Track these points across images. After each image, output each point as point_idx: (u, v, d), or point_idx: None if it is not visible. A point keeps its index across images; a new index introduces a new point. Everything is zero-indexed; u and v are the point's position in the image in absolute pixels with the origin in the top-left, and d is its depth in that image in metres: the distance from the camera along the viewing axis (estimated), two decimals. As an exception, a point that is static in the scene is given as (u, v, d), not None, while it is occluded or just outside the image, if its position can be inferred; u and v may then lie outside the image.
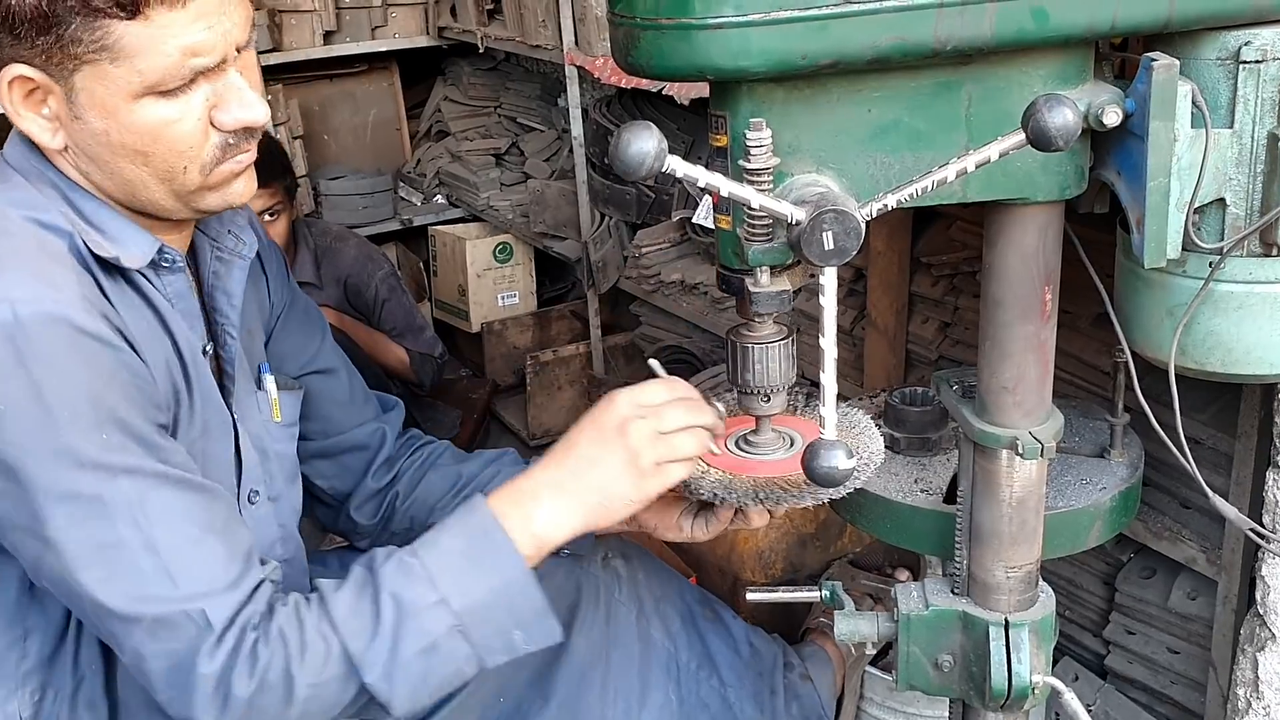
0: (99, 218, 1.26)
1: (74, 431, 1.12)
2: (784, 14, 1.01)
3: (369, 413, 1.67)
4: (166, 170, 1.23)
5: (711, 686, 1.78)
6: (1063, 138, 0.97)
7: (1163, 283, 1.20)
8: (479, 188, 3.89)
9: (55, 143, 1.23)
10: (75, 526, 1.13)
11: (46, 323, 1.13)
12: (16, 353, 1.11)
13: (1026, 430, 1.27)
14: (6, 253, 1.17)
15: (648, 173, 0.98)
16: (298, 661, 1.18)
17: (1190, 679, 1.84)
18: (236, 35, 1.21)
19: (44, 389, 1.11)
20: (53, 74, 1.17)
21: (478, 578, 1.25)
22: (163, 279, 1.31)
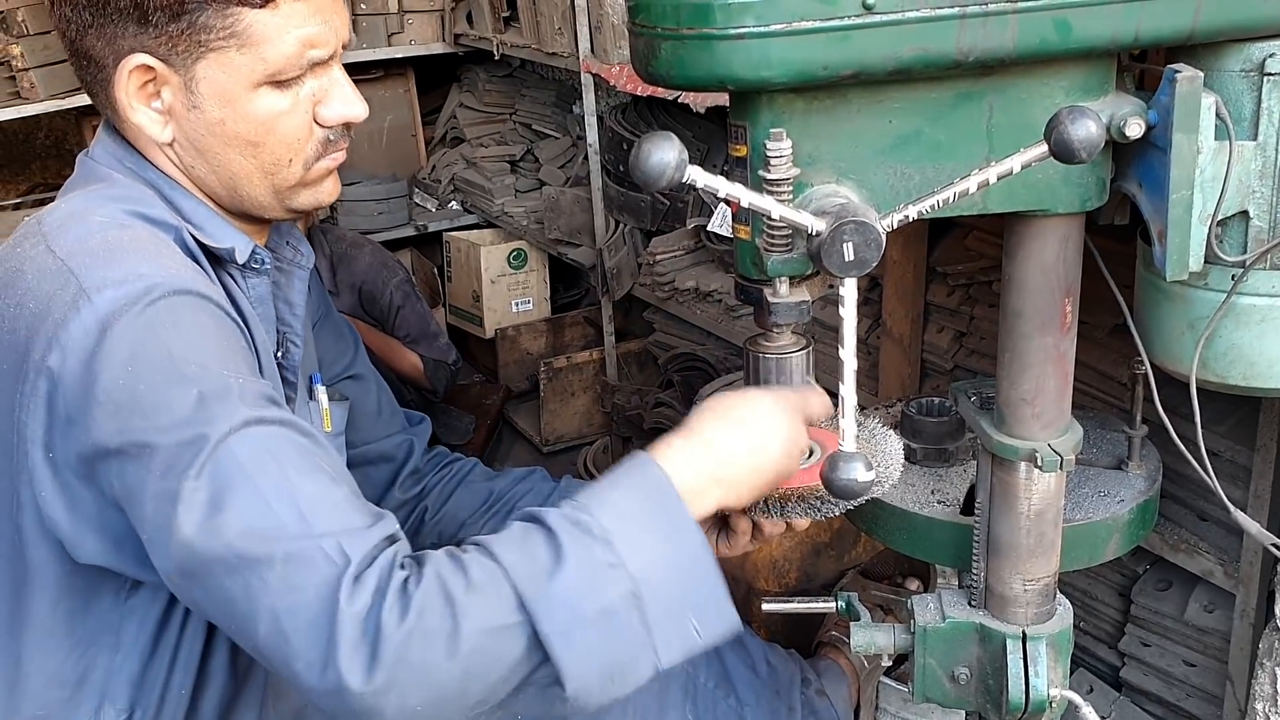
0: (197, 215, 1.28)
1: (204, 384, 1.09)
2: (805, 25, 1.01)
3: (396, 425, 1.67)
4: (273, 163, 1.27)
5: (729, 706, 1.77)
6: (1086, 150, 0.97)
7: (1184, 295, 1.20)
8: (494, 194, 3.89)
9: (164, 135, 1.25)
10: (204, 475, 1.06)
11: (173, 293, 1.13)
12: (149, 321, 1.10)
13: (1045, 442, 1.27)
14: (125, 241, 1.17)
15: (668, 183, 0.98)
16: (462, 601, 1.01)
17: (1207, 692, 1.83)
18: (344, 34, 1.28)
19: (175, 350, 1.10)
20: (175, 63, 1.21)
21: (656, 545, 1.08)
22: (248, 281, 1.32)
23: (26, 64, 3.15)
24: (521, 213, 3.81)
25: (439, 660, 1.00)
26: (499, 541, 1.07)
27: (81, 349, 1.09)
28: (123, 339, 1.09)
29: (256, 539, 1.04)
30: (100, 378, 1.08)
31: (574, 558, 1.04)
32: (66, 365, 1.09)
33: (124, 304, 1.10)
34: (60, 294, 1.11)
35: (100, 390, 1.08)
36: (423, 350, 3.24)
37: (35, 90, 3.19)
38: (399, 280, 3.25)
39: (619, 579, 1.04)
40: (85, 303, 1.10)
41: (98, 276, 1.11)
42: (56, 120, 3.98)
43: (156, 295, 1.11)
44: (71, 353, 1.09)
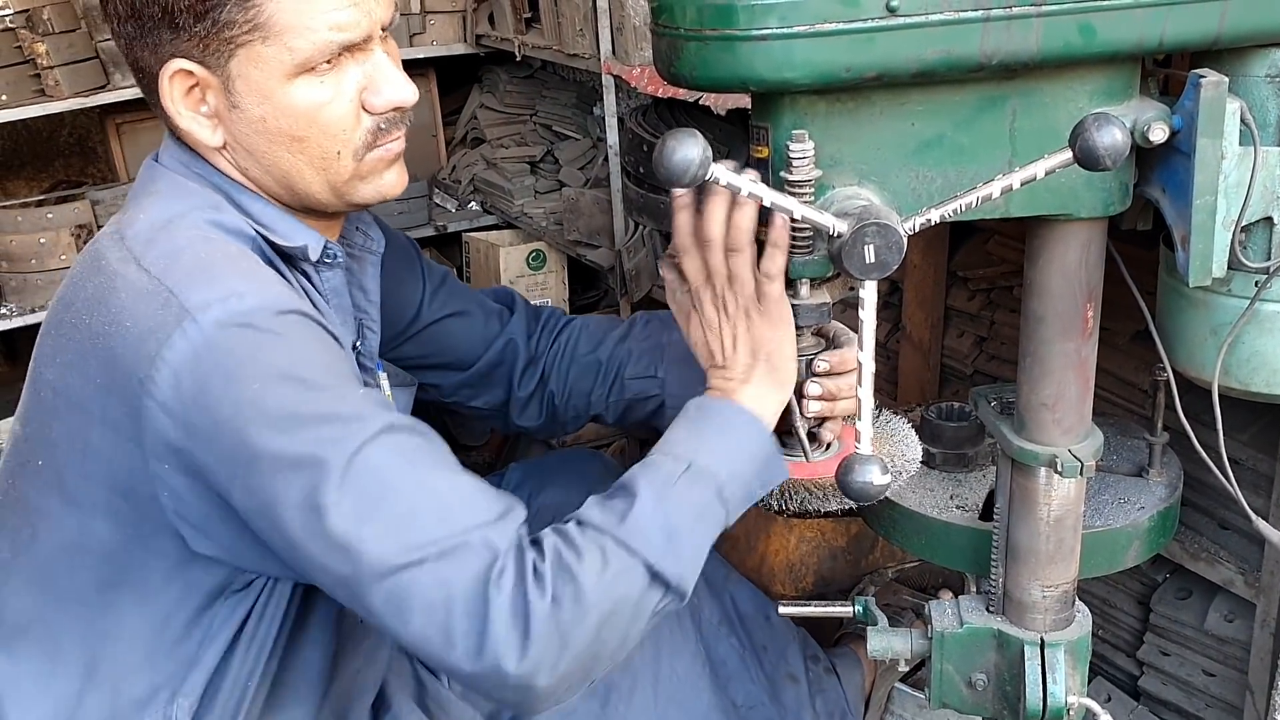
0: (267, 216, 1.28)
1: (328, 396, 1.12)
2: (828, 26, 1.01)
3: (494, 327, 1.69)
4: (321, 156, 1.25)
5: (730, 645, 1.78)
6: (1111, 158, 0.96)
7: (1207, 301, 1.19)
8: (513, 195, 3.89)
9: (215, 139, 1.25)
10: (348, 485, 1.09)
11: (275, 309, 1.14)
12: (257, 337, 1.12)
13: (1066, 448, 1.26)
14: (216, 257, 1.18)
15: (692, 180, 0.98)
16: (578, 567, 1.12)
17: (1226, 703, 1.82)
18: (381, 14, 1.25)
19: (285, 368, 1.12)
20: (210, 64, 1.21)
21: (713, 436, 1.23)
22: (322, 275, 1.33)
23: (51, 62, 3.17)
24: (541, 214, 3.81)
25: (579, 618, 1.10)
26: (586, 511, 1.18)
27: (193, 368, 1.10)
28: (235, 356, 1.11)
29: (406, 543, 1.10)
30: (218, 395, 1.10)
31: (649, 488, 1.17)
32: (181, 385, 1.10)
33: (231, 322, 1.11)
34: (162, 314, 1.12)
35: (221, 407, 1.10)
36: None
37: (60, 88, 3.21)
38: None
39: (697, 478, 1.19)
40: (190, 322, 1.11)
41: (199, 296, 1.12)
42: (80, 118, 3.99)
43: (261, 315, 1.13)
44: (183, 372, 1.10)
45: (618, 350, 1.66)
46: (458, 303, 1.68)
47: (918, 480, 1.54)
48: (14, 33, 3.21)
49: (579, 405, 1.68)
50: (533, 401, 1.70)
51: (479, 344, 1.68)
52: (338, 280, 1.36)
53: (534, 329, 1.71)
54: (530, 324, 1.72)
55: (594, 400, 1.67)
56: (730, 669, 1.78)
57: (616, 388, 1.65)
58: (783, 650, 1.85)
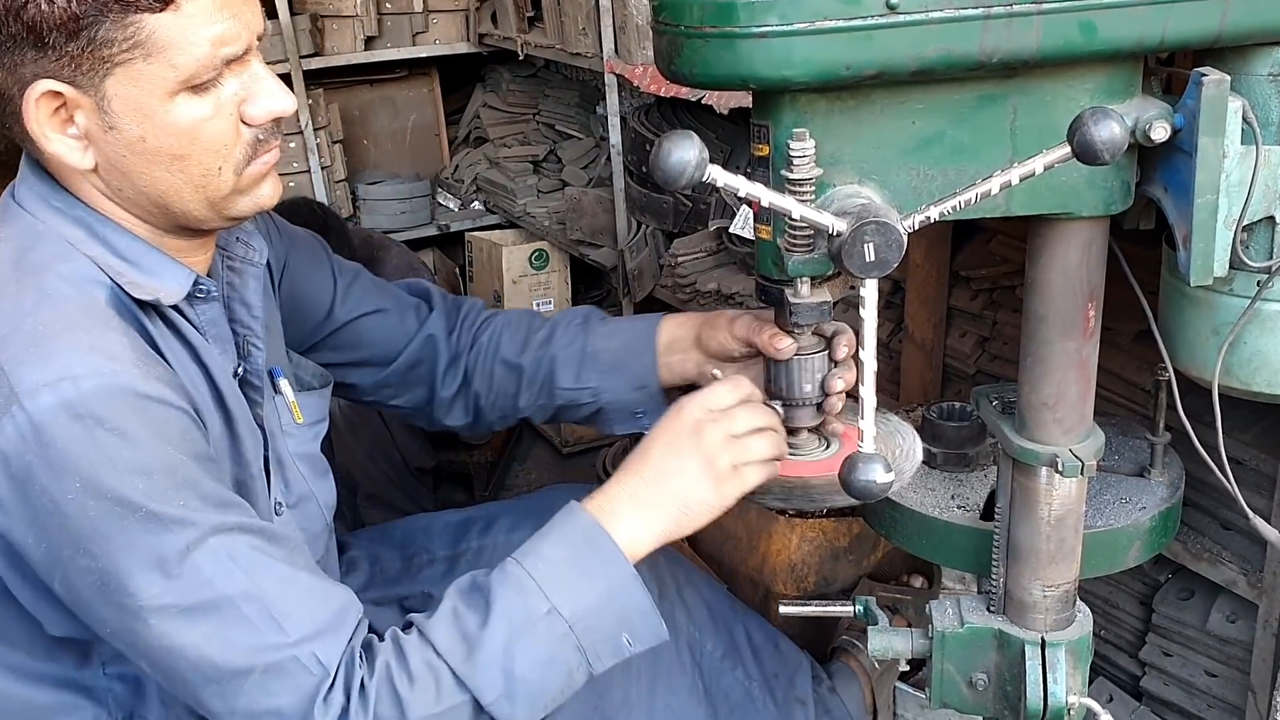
0: (132, 252, 1.23)
1: (154, 500, 1.10)
2: (828, 24, 1.01)
3: (411, 325, 1.66)
4: (202, 174, 1.20)
5: (735, 678, 1.77)
6: (1109, 152, 0.96)
7: (1208, 301, 1.19)
8: (516, 194, 3.90)
9: (85, 162, 1.18)
10: (172, 593, 1.10)
11: (111, 395, 1.10)
12: (86, 430, 1.08)
13: (1067, 448, 1.26)
14: (55, 323, 1.13)
15: (688, 182, 0.98)
16: (408, 694, 1.15)
17: (1228, 703, 1.82)
18: (256, 25, 1.21)
19: (118, 463, 1.09)
20: (82, 84, 1.14)
21: (587, 583, 1.23)
22: (196, 309, 1.29)
23: None
24: (544, 213, 3.81)
25: None
26: (435, 624, 1.19)
27: (19, 455, 1.08)
28: (60, 450, 1.08)
29: (233, 651, 1.11)
30: (40, 487, 1.08)
31: (504, 621, 1.18)
32: (8, 470, 1.08)
33: (61, 411, 1.08)
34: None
35: (42, 500, 1.08)
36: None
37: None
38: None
39: (554, 625, 1.19)
40: (18, 408, 1.08)
41: (31, 378, 1.08)
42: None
43: (94, 403, 1.08)
44: (10, 458, 1.08)
45: (542, 356, 1.63)
46: (372, 300, 1.64)
47: (919, 480, 1.54)
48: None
49: (505, 407, 1.66)
50: (457, 402, 1.68)
51: (397, 341, 1.64)
52: (214, 312, 1.32)
53: (454, 325, 1.68)
54: (450, 320, 1.68)
55: (521, 405, 1.65)
56: (734, 702, 1.77)
57: (544, 394, 1.63)
58: (792, 677, 1.85)
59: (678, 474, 1.27)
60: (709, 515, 1.28)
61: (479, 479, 2.90)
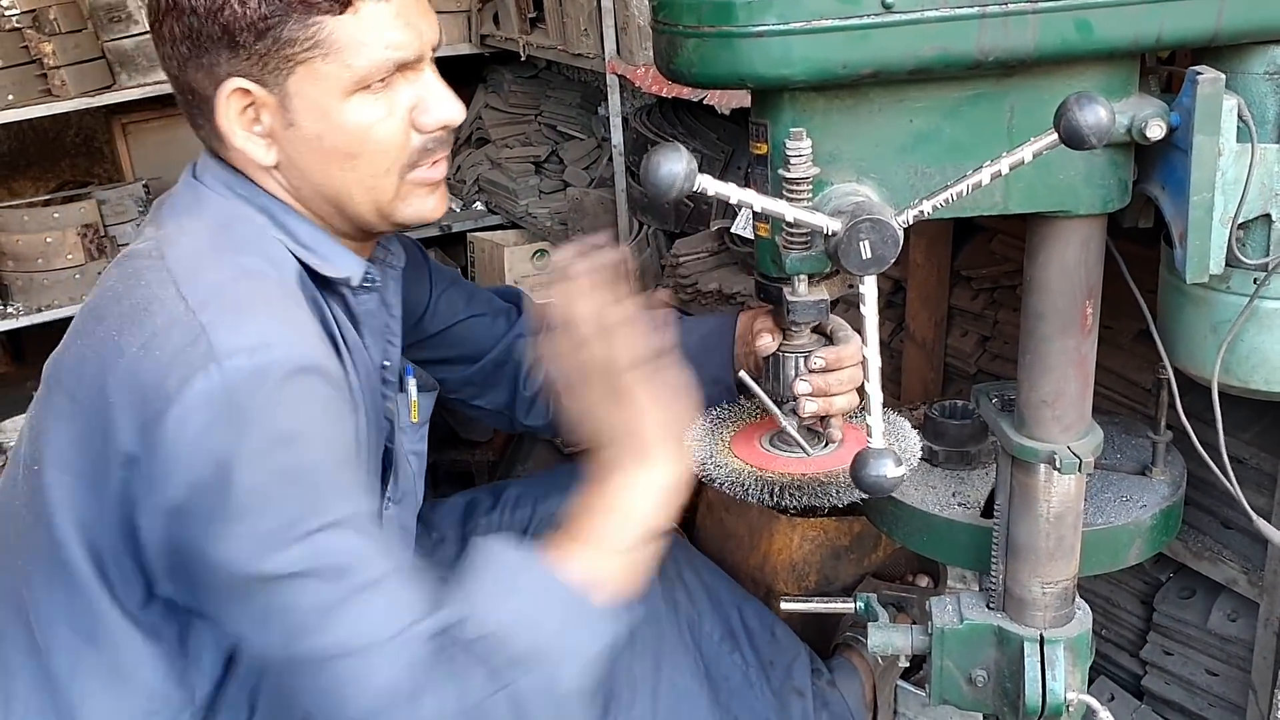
0: (312, 239, 1.30)
1: (318, 472, 1.15)
2: (825, 23, 1.01)
3: (502, 326, 1.71)
4: (371, 174, 1.27)
5: (733, 662, 1.79)
6: (1096, 135, 0.96)
7: (1206, 299, 1.19)
8: (518, 195, 3.90)
9: (268, 159, 1.27)
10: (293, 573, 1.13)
11: (298, 368, 1.16)
12: (271, 396, 1.13)
13: (1065, 445, 1.26)
14: (253, 294, 1.20)
15: (678, 193, 0.98)
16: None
17: (1229, 702, 1.82)
18: (430, 36, 1.30)
19: (293, 431, 1.14)
20: (268, 83, 1.23)
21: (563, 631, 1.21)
22: (359, 298, 1.36)
23: (58, 62, 3.19)
24: (545, 214, 3.82)
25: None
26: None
27: (204, 410, 1.12)
28: (246, 410, 1.12)
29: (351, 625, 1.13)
30: (217, 442, 1.12)
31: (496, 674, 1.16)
32: (187, 423, 1.12)
33: (253, 375, 1.13)
34: (190, 350, 1.13)
35: (217, 454, 1.11)
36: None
37: (66, 88, 3.22)
38: None
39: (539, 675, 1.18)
40: (215, 366, 1.12)
41: (229, 341, 1.13)
42: (86, 118, 4.01)
43: (283, 371, 1.14)
44: (195, 412, 1.12)
45: None
46: (465, 305, 1.70)
47: (921, 477, 1.54)
48: (20, 32, 3.23)
49: None
50: (538, 400, 1.71)
51: (486, 341, 1.70)
52: (373, 302, 1.39)
53: (540, 327, 1.71)
54: (537, 322, 1.71)
55: None
56: (733, 685, 1.78)
57: None
58: (789, 666, 1.86)
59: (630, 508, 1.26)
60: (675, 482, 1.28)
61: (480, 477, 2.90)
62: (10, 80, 3.20)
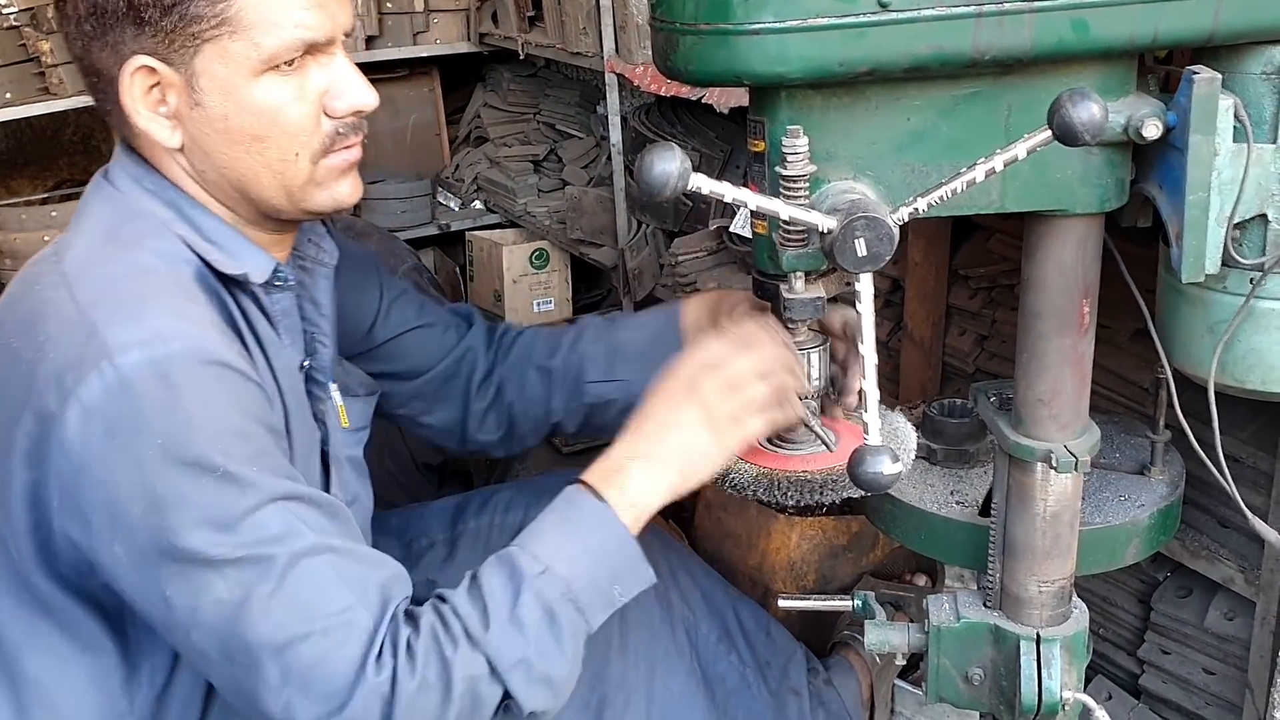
0: (219, 235, 1.27)
1: (231, 462, 1.12)
2: (822, 21, 1.01)
3: (451, 339, 1.68)
4: (280, 158, 1.25)
5: (730, 663, 1.79)
6: (1089, 132, 0.96)
7: (1203, 299, 1.19)
8: (517, 194, 3.90)
9: (173, 140, 1.24)
10: (240, 549, 1.11)
11: (197, 359, 1.13)
12: (171, 388, 1.11)
13: (1062, 444, 1.26)
14: (145, 290, 1.17)
15: (672, 193, 0.98)
16: (452, 655, 1.16)
17: (1226, 701, 1.82)
18: (343, 19, 1.26)
19: (200, 423, 1.12)
20: (174, 61, 1.20)
21: (575, 540, 1.24)
22: (271, 298, 1.32)
23: (55, 60, 3.18)
24: (544, 212, 3.82)
25: (437, 711, 1.14)
26: (458, 595, 1.20)
27: (102, 410, 1.09)
28: (145, 407, 1.10)
29: (293, 612, 1.12)
30: (120, 443, 1.10)
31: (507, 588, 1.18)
32: (88, 425, 1.10)
33: (148, 369, 1.10)
34: (83, 350, 1.11)
35: (119, 459, 1.10)
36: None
37: (64, 86, 3.22)
38: (407, 268, 3.22)
39: (551, 583, 1.19)
40: (108, 363, 1.10)
41: (121, 335, 1.11)
42: (84, 116, 4.01)
43: (180, 363, 1.12)
44: (93, 413, 1.10)
45: (571, 356, 1.65)
46: (416, 313, 1.67)
47: (919, 476, 1.54)
48: (18, 31, 3.23)
49: (538, 415, 1.67)
50: (490, 414, 1.69)
51: (435, 353, 1.67)
52: (287, 302, 1.35)
53: (491, 341, 1.71)
54: (488, 336, 1.71)
55: (553, 408, 1.66)
56: (729, 686, 1.78)
57: (575, 394, 1.64)
58: (785, 666, 1.86)
59: (676, 427, 1.28)
60: (712, 465, 1.30)
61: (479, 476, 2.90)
62: (8, 78, 3.20)
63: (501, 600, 1.18)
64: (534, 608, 1.18)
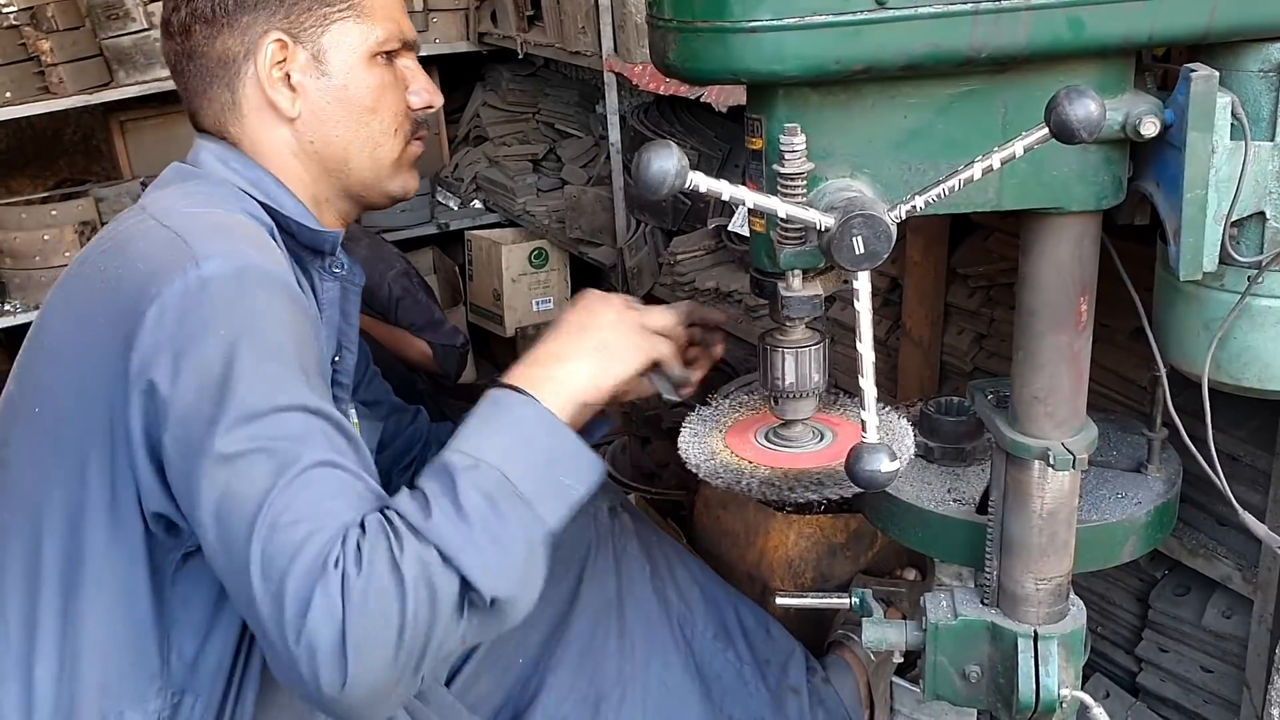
0: (296, 211, 1.41)
1: (287, 364, 1.19)
2: (818, 19, 1.02)
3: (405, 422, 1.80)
4: (382, 130, 1.45)
5: (727, 660, 1.80)
6: (1086, 129, 0.96)
7: (1199, 296, 1.19)
8: (516, 193, 3.90)
9: (294, 110, 1.41)
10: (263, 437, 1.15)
11: (271, 276, 1.24)
12: (246, 291, 1.21)
13: (1058, 441, 1.27)
14: (233, 225, 1.30)
15: (669, 191, 0.98)
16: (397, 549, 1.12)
17: (1224, 699, 1.82)
18: (414, 32, 1.50)
19: (268, 325, 1.21)
20: (302, 38, 1.40)
21: (501, 431, 1.22)
22: (324, 283, 1.44)
23: (56, 59, 3.19)
24: (543, 212, 3.82)
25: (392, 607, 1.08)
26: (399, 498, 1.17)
27: (179, 303, 1.18)
28: (218, 302, 1.18)
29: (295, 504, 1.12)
30: (190, 333, 1.17)
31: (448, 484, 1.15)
32: (164, 318, 1.17)
33: (228, 271, 1.20)
34: (172, 257, 1.21)
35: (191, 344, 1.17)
36: (429, 338, 3.23)
37: (64, 85, 3.22)
38: (396, 272, 3.22)
39: (485, 472, 1.16)
40: (192, 266, 1.19)
41: (209, 247, 1.22)
42: (84, 116, 4.01)
43: (258, 273, 1.22)
44: (170, 307, 1.18)
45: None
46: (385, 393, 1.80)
47: (916, 474, 1.54)
48: (18, 30, 3.23)
49: None
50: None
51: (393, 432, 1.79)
52: (335, 293, 1.46)
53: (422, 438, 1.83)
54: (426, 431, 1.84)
55: None
56: (726, 683, 1.78)
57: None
58: (785, 664, 1.86)
59: (592, 327, 1.36)
60: (630, 361, 1.35)
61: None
62: (8, 78, 3.20)
63: (440, 493, 1.15)
64: (472, 495, 1.14)
